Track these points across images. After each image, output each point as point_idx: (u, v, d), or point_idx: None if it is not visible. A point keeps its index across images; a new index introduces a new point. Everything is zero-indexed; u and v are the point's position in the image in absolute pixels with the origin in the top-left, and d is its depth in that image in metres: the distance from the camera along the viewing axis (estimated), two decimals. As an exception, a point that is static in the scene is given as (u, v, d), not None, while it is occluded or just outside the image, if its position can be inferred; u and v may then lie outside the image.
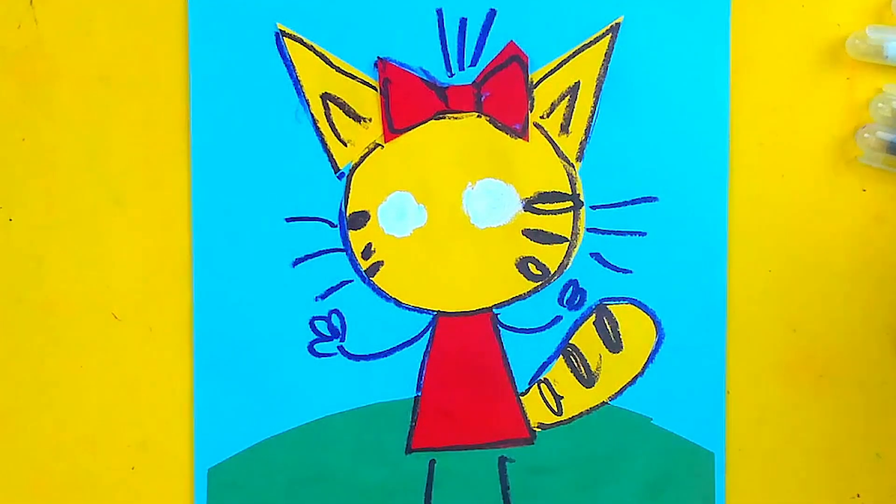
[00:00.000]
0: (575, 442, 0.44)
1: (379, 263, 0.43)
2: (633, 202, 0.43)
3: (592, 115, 0.43)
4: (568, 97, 0.43)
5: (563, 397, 0.44)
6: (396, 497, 0.44)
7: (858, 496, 0.45)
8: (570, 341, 0.43)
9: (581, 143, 0.43)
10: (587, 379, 0.44)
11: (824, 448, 0.44)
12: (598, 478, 0.44)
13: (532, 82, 0.43)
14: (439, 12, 0.42)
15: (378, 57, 0.42)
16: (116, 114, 0.41)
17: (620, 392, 0.44)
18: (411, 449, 0.44)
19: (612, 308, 0.43)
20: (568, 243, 0.43)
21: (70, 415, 0.42)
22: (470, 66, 0.42)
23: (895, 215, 0.44)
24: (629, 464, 0.43)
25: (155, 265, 0.42)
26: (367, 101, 0.42)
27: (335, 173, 0.42)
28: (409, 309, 0.43)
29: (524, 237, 0.43)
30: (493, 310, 0.43)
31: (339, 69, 0.42)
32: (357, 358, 0.43)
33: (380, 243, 0.43)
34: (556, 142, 0.43)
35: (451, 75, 0.42)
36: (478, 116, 0.42)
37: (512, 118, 0.43)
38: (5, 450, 0.42)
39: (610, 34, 0.42)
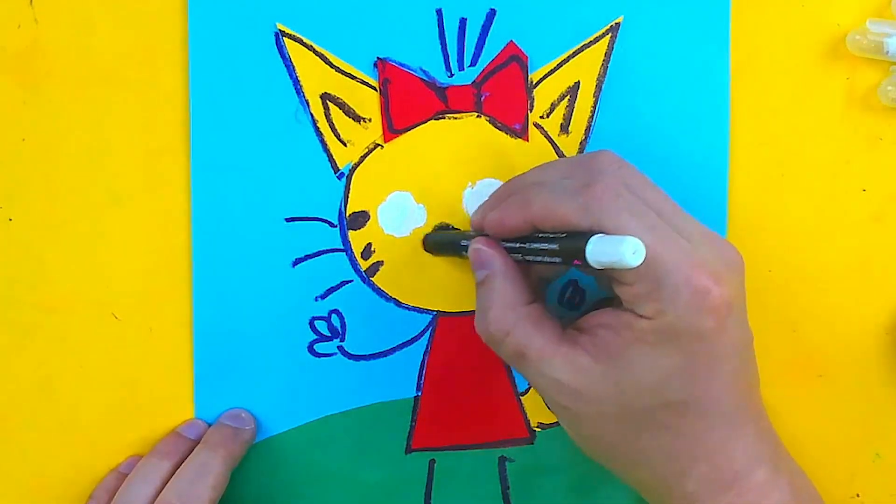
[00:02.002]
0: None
1: (379, 263, 0.43)
2: (633, 202, 0.43)
3: (592, 115, 0.43)
4: (568, 97, 0.43)
5: (562, 397, 0.44)
6: (396, 497, 0.44)
7: (858, 496, 0.45)
8: (570, 341, 0.43)
9: (581, 143, 0.43)
10: (587, 379, 0.43)
11: (824, 448, 0.44)
12: (598, 477, 0.44)
13: (532, 82, 0.43)
14: (439, 12, 0.42)
15: (378, 57, 0.42)
16: (116, 114, 0.41)
17: (620, 392, 0.43)
18: (411, 449, 0.44)
19: (612, 308, 0.43)
20: (568, 243, 0.43)
21: (70, 414, 0.42)
22: (470, 66, 0.42)
23: (895, 215, 0.44)
24: (629, 464, 0.43)
25: (155, 265, 0.42)
26: (367, 101, 0.42)
27: (335, 173, 0.42)
28: (409, 309, 0.43)
29: (524, 237, 0.43)
30: (493, 310, 0.43)
31: (338, 69, 0.42)
32: (357, 358, 0.43)
33: (379, 243, 0.43)
34: (556, 142, 0.43)
35: (451, 75, 0.42)
36: (477, 116, 0.42)
37: (512, 118, 0.43)
38: (5, 450, 0.42)
39: (610, 34, 0.42)
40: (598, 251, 0.31)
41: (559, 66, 0.43)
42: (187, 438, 0.42)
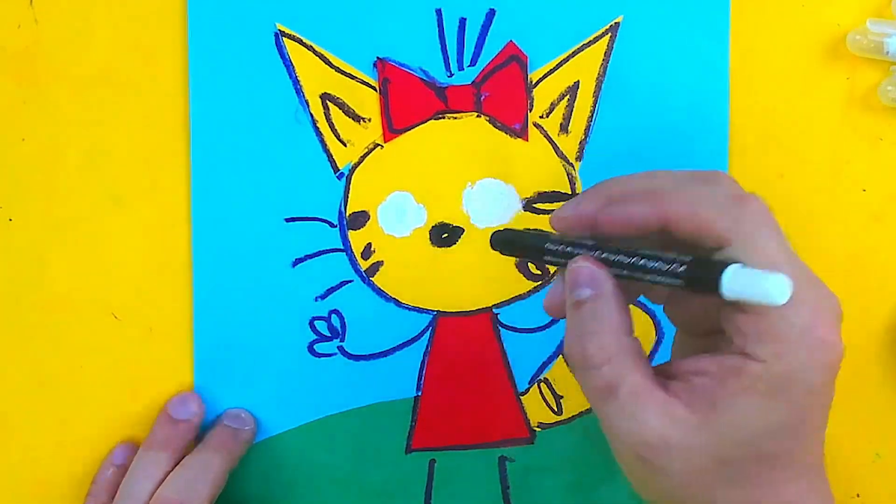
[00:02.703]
0: (575, 442, 0.44)
1: (379, 263, 0.43)
2: (633, 202, 0.43)
3: (592, 114, 0.43)
4: (567, 97, 0.43)
5: (563, 397, 0.44)
6: (396, 497, 0.44)
7: (858, 496, 0.45)
8: (570, 341, 0.43)
9: (581, 142, 0.43)
10: (587, 379, 0.43)
11: (824, 448, 0.44)
12: (598, 477, 0.44)
13: (531, 82, 0.43)
14: (438, 12, 0.42)
15: (377, 57, 0.42)
16: (116, 114, 0.41)
17: (620, 392, 0.43)
18: (411, 449, 0.44)
19: (612, 308, 0.43)
20: (568, 243, 0.43)
21: (70, 415, 0.42)
22: (469, 65, 0.42)
23: (895, 215, 0.44)
24: (629, 464, 0.43)
25: (155, 265, 0.42)
26: (367, 101, 0.42)
27: (335, 173, 0.42)
28: (409, 309, 0.43)
29: (524, 237, 0.43)
30: (493, 310, 0.43)
31: (338, 69, 0.42)
32: (357, 358, 0.43)
33: (379, 243, 0.43)
34: (555, 141, 0.43)
35: (451, 75, 0.42)
36: (477, 116, 0.42)
37: (511, 118, 0.43)
38: (5, 450, 0.42)
39: (609, 34, 0.42)
40: (739, 282, 0.29)
41: (559, 65, 0.43)
42: (180, 422, 0.41)
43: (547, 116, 0.43)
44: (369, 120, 0.42)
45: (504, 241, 0.38)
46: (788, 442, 0.32)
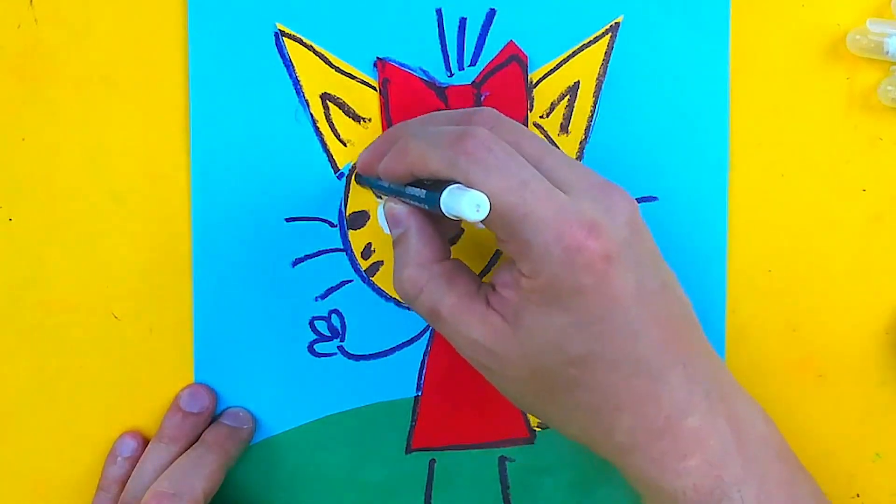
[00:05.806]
0: (575, 442, 0.44)
1: (379, 263, 0.43)
2: (633, 202, 0.43)
3: (592, 114, 0.43)
4: (567, 97, 0.43)
5: (562, 397, 0.44)
6: (396, 497, 0.44)
7: (858, 496, 0.45)
8: (570, 341, 0.43)
9: (581, 142, 0.43)
10: (587, 379, 0.43)
11: (824, 448, 0.44)
12: (598, 477, 0.44)
13: (532, 82, 0.43)
14: (439, 12, 0.42)
15: (378, 57, 0.42)
16: (116, 114, 0.41)
17: (620, 392, 0.43)
18: (411, 449, 0.44)
19: (612, 308, 0.43)
20: (568, 243, 0.43)
21: (70, 415, 0.42)
22: (469, 65, 0.42)
23: (895, 215, 0.44)
24: (629, 464, 0.43)
25: (155, 265, 0.42)
26: (367, 101, 0.42)
27: (335, 173, 0.42)
28: (409, 309, 0.43)
29: (524, 237, 0.43)
30: (493, 310, 0.43)
31: (338, 69, 0.42)
32: (357, 358, 0.43)
33: (380, 243, 0.43)
34: (555, 142, 0.43)
35: (451, 75, 0.42)
36: (477, 116, 0.42)
37: (511, 118, 0.42)
38: (5, 450, 0.42)
39: (609, 34, 0.42)
40: (449, 202, 0.32)
41: (559, 65, 0.43)
42: (191, 414, 0.41)
43: (547, 116, 0.43)
44: (369, 120, 0.42)
45: (360, 179, 0.42)
46: (590, 343, 0.33)
